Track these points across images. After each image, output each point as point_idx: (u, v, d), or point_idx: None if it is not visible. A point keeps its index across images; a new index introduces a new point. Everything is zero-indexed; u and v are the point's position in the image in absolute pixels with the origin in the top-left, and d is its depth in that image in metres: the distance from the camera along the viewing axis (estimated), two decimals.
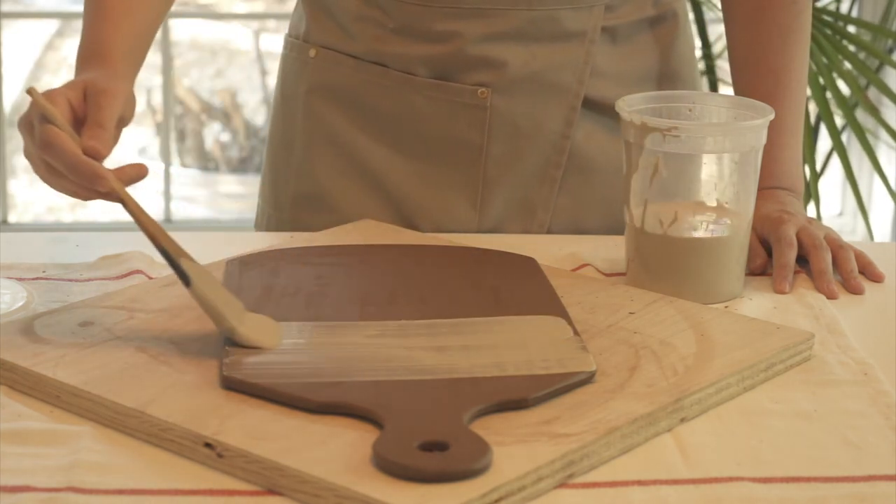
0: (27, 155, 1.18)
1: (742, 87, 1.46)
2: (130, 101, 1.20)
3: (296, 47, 1.52)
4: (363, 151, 1.46)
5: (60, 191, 1.15)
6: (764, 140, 1.26)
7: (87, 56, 1.26)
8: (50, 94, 1.16)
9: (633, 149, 1.25)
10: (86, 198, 1.14)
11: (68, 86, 1.18)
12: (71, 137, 1.13)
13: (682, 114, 1.30)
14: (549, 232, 1.46)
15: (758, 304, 1.25)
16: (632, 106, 1.27)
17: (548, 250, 1.35)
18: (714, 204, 1.26)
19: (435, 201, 1.45)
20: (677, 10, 1.49)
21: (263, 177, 1.57)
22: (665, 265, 1.26)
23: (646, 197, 1.26)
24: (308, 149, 1.49)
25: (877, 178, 3.43)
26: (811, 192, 2.65)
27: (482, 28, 1.41)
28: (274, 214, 1.54)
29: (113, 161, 1.15)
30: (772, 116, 1.25)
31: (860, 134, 2.62)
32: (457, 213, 1.45)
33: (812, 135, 2.70)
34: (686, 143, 1.23)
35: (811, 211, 2.70)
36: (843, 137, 2.73)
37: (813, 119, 2.73)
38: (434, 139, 1.44)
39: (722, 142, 1.23)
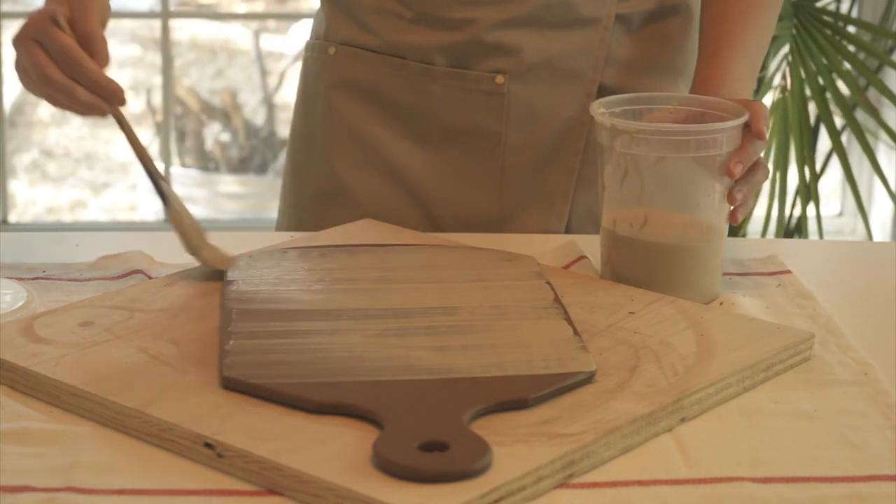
0: (21, 67, 1.26)
1: (709, 9, 1.43)
2: (105, 5, 1.31)
3: (316, 47, 1.54)
4: (383, 144, 1.48)
5: (59, 105, 1.25)
6: (736, 143, 1.23)
7: None
8: (50, 11, 1.25)
9: (606, 151, 1.25)
10: (83, 112, 1.25)
11: (56, 2, 1.27)
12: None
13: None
14: (568, 223, 1.47)
15: (749, 304, 1.24)
16: (610, 107, 1.26)
17: (547, 249, 1.35)
18: (685, 208, 1.25)
19: (454, 191, 1.47)
20: (690, 3, 1.50)
21: (284, 179, 1.59)
22: (636, 269, 1.25)
23: (617, 200, 1.25)
24: (328, 144, 1.51)
25: (876, 179, 3.43)
26: (811, 193, 2.66)
27: (497, 14, 1.43)
28: (295, 214, 1.55)
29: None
30: (745, 118, 1.23)
31: (860, 134, 2.62)
32: (476, 202, 1.46)
33: (812, 135, 2.70)
34: (655, 145, 1.22)
35: (811, 210, 2.70)
36: (843, 138, 2.73)
37: (812, 119, 2.73)
38: (452, 128, 1.46)
39: (691, 145, 1.22)
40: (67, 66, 1.23)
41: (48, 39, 1.23)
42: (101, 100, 1.23)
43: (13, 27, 5.15)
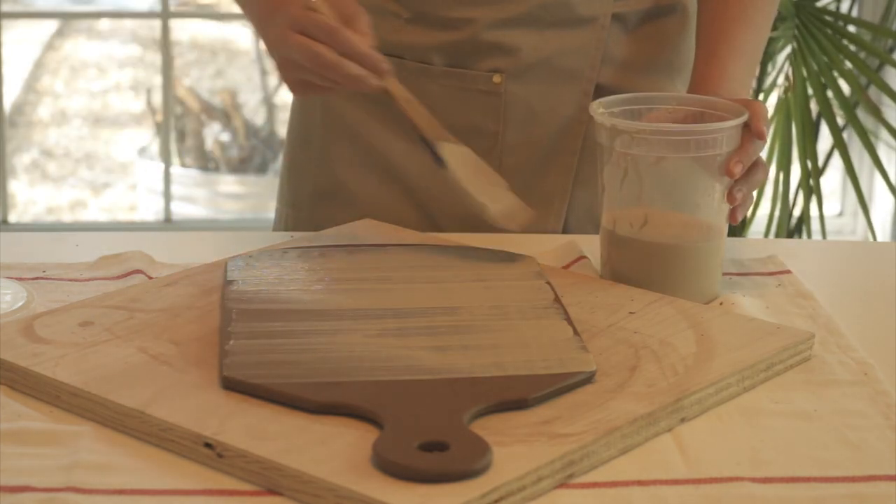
0: (287, 63, 1.28)
1: (707, 9, 1.44)
2: None
3: None
4: (381, 144, 1.48)
5: (326, 86, 1.28)
6: (736, 143, 1.23)
7: None
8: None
9: (605, 151, 1.25)
10: (352, 86, 1.28)
11: None
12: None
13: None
14: (566, 222, 1.47)
15: (749, 304, 1.24)
16: (609, 107, 1.26)
17: (547, 249, 1.35)
18: (685, 208, 1.25)
19: (453, 191, 1.46)
20: (686, 2, 1.50)
21: (281, 179, 1.59)
22: (636, 269, 1.24)
23: (616, 200, 1.25)
24: (326, 144, 1.51)
25: (876, 179, 3.43)
26: (813, 189, 2.65)
27: (495, 13, 1.43)
28: (292, 214, 1.55)
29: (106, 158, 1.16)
30: (745, 118, 1.23)
31: (861, 133, 2.62)
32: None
33: (813, 133, 2.70)
34: (654, 145, 1.22)
35: (812, 210, 2.70)
36: (844, 136, 2.73)
37: (814, 118, 2.73)
38: (450, 128, 1.45)
39: (691, 145, 1.21)
40: (336, 43, 1.24)
41: (310, 23, 1.25)
42: (370, 72, 1.26)
43: (13, 27, 5.16)
